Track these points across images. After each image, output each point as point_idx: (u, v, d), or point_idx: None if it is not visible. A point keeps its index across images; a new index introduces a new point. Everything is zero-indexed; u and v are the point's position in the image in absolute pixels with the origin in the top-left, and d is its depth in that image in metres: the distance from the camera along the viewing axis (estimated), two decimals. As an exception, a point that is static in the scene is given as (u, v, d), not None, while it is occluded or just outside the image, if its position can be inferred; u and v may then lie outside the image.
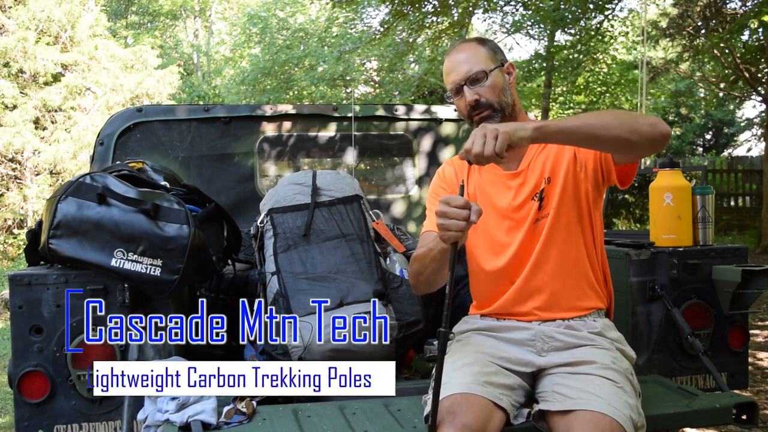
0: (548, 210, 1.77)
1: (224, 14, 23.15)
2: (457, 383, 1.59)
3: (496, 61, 1.81)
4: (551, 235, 1.76)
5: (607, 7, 10.14)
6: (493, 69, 1.79)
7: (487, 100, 1.76)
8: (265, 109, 3.11)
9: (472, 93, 1.77)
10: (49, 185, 11.51)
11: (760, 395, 4.00)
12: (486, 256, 1.85)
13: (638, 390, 1.67)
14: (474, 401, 1.55)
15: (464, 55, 1.80)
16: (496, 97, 1.77)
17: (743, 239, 10.63)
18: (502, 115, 1.78)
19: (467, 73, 1.77)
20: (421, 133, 3.30)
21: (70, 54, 11.73)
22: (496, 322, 1.82)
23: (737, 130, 20.12)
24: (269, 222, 2.42)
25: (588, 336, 1.74)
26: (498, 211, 1.83)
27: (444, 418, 1.52)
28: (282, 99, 14.74)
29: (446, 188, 1.93)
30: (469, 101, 1.77)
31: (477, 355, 1.71)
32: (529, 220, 1.78)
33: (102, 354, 1.92)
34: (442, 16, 10.90)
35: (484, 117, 1.76)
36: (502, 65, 1.81)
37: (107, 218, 1.93)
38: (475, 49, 1.80)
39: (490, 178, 1.87)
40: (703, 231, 2.37)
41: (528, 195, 1.80)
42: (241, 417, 1.81)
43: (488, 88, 1.77)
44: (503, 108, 1.78)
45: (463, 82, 1.78)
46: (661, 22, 11.60)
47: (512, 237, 1.80)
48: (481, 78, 1.77)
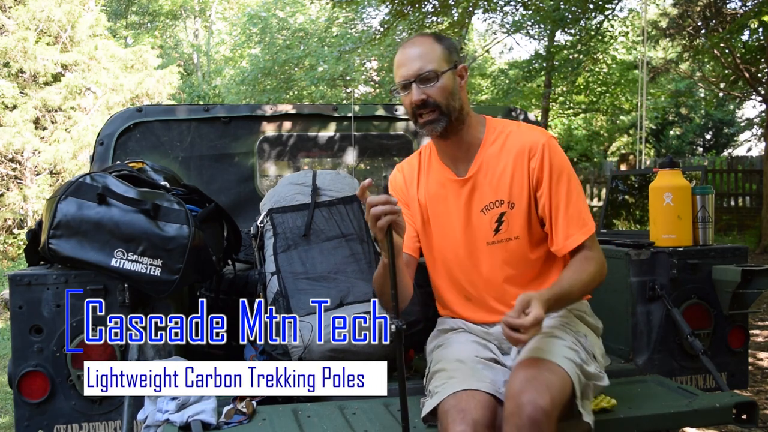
0: (509, 236, 1.77)
1: (224, 14, 23.16)
2: (459, 380, 1.60)
3: (450, 62, 1.75)
4: (511, 259, 1.77)
5: (607, 7, 10.14)
6: (446, 71, 1.73)
7: (435, 101, 1.72)
8: (265, 109, 3.11)
9: (419, 92, 1.71)
10: (49, 185, 11.50)
11: (760, 395, 4.00)
12: (436, 268, 1.86)
13: (593, 353, 1.69)
14: (480, 398, 1.55)
15: (418, 51, 1.73)
16: (444, 100, 1.72)
17: (743, 239, 10.63)
18: (447, 120, 1.73)
19: (418, 70, 1.71)
20: (420, 133, 3.30)
21: (70, 54, 11.72)
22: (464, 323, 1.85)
23: (737, 130, 20.12)
24: (269, 222, 2.41)
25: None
26: (448, 221, 1.82)
27: (453, 415, 1.52)
28: (282, 99, 14.75)
29: (399, 196, 1.90)
30: (416, 100, 1.72)
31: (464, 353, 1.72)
32: (482, 240, 1.78)
33: (102, 354, 1.92)
34: (442, 16, 10.90)
35: (428, 120, 1.73)
36: (455, 67, 1.76)
37: (107, 218, 1.93)
38: (431, 46, 1.74)
39: (439, 180, 1.85)
40: (703, 231, 2.37)
41: (479, 207, 1.79)
42: (241, 417, 1.81)
43: (437, 89, 1.71)
44: (450, 112, 1.73)
45: (413, 79, 1.72)
46: (661, 22, 11.60)
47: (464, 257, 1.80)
48: (432, 78, 1.71)
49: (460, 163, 1.82)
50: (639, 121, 4.43)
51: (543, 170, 1.74)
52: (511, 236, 1.76)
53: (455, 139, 1.78)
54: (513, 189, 1.76)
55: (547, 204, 1.74)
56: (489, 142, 1.81)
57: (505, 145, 1.79)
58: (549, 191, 1.74)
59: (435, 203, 1.85)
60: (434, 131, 1.74)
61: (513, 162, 1.77)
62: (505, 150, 1.78)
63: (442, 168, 1.84)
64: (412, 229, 1.87)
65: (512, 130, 1.82)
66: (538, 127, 1.89)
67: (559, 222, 1.73)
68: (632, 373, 2.20)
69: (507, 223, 1.76)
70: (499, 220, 1.76)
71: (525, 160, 1.76)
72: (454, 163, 1.83)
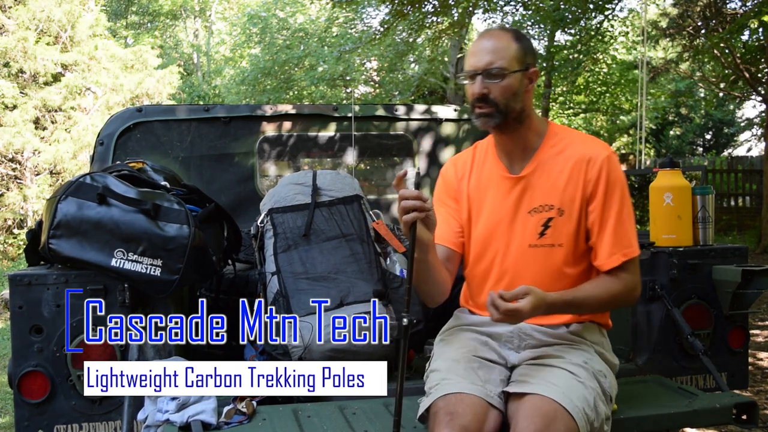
0: (552, 242, 1.74)
1: (224, 14, 23.15)
2: (452, 382, 1.60)
3: (522, 63, 1.72)
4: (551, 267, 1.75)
5: (607, 7, 10.13)
6: (515, 71, 1.71)
7: (495, 99, 1.70)
8: (265, 109, 3.11)
9: (482, 86, 1.70)
10: (49, 185, 11.50)
11: (760, 395, 3.99)
12: (474, 260, 1.84)
13: (609, 395, 1.67)
14: (469, 401, 1.55)
15: (492, 44, 1.71)
16: (504, 99, 1.70)
17: (743, 239, 10.63)
18: (502, 118, 1.72)
19: (487, 64, 1.69)
20: (421, 133, 3.30)
21: (70, 54, 11.71)
22: (482, 318, 1.82)
23: (737, 130, 20.11)
24: (269, 222, 2.41)
25: (566, 336, 1.74)
26: (493, 214, 1.81)
27: (441, 418, 1.52)
28: (282, 99, 14.74)
29: (447, 190, 1.90)
30: (476, 93, 1.71)
31: (463, 351, 1.72)
32: (525, 242, 1.76)
33: (102, 354, 1.92)
34: (442, 16, 10.90)
35: (483, 113, 1.72)
36: (526, 69, 1.73)
37: (107, 218, 1.93)
38: (508, 43, 1.71)
39: (492, 175, 1.83)
40: (703, 231, 2.37)
41: (528, 208, 1.77)
42: (241, 417, 1.81)
43: (501, 87, 1.70)
44: (508, 112, 1.72)
45: (480, 72, 1.70)
46: (661, 22, 11.60)
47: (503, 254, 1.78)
48: (498, 75, 1.69)
49: (516, 162, 1.80)
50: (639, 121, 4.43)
51: (599, 183, 1.73)
52: (555, 243, 1.74)
53: (512, 136, 1.77)
54: (565, 196, 1.74)
55: (598, 218, 1.73)
56: (548, 146, 1.79)
57: (564, 151, 1.77)
58: (602, 205, 1.73)
59: (483, 197, 1.82)
60: (487, 125, 1.74)
61: (570, 169, 1.75)
62: (564, 156, 1.77)
63: (496, 163, 1.82)
64: (456, 224, 1.85)
65: (574, 138, 1.81)
66: (600, 140, 1.87)
67: (605, 238, 1.72)
68: (632, 373, 2.20)
69: (553, 229, 1.73)
70: (545, 224, 1.74)
71: (583, 169, 1.74)
72: (509, 160, 1.81)
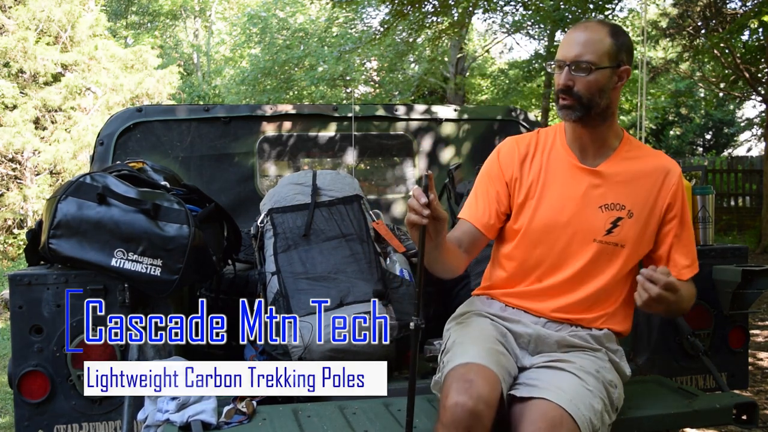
0: (617, 241, 1.73)
1: (224, 14, 23.15)
2: (472, 353, 1.58)
3: (614, 60, 1.69)
4: (607, 265, 1.74)
5: (607, 7, 10.13)
6: (604, 67, 1.67)
7: (579, 92, 1.68)
8: (265, 109, 3.11)
9: (568, 77, 1.68)
10: (49, 185, 11.50)
11: (760, 395, 3.99)
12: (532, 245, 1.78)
13: (616, 406, 1.66)
14: (488, 374, 1.53)
15: (585, 37, 1.68)
16: (588, 94, 1.68)
17: (743, 239, 10.63)
18: (584, 112, 1.69)
19: (576, 56, 1.67)
20: (421, 133, 3.30)
21: (70, 54, 11.71)
22: (503, 311, 1.79)
23: (737, 130, 20.12)
24: (269, 222, 2.41)
25: (586, 340, 1.73)
26: (558, 201, 1.76)
27: (459, 384, 1.50)
28: (282, 99, 14.74)
29: (502, 167, 1.84)
30: (561, 84, 1.69)
31: (485, 332, 1.70)
32: (591, 235, 1.73)
33: (102, 354, 1.92)
34: (442, 16, 10.89)
35: (565, 105, 1.70)
36: (617, 66, 1.70)
37: (107, 218, 1.93)
38: (602, 37, 1.68)
39: (561, 163, 1.79)
40: (703, 231, 2.37)
41: (596, 204, 1.74)
42: (241, 417, 1.81)
43: (587, 81, 1.67)
44: (591, 107, 1.69)
45: (568, 63, 1.68)
46: (661, 22, 11.60)
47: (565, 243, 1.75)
48: (585, 69, 1.66)
49: (589, 156, 1.78)
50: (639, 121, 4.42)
51: (677, 196, 1.76)
52: (619, 243, 1.73)
53: (592, 131, 1.75)
54: (638, 199, 1.74)
55: (676, 229, 1.76)
56: (625, 150, 1.79)
57: (641, 157, 1.78)
58: (680, 218, 1.76)
59: (551, 183, 1.78)
60: (568, 117, 1.72)
61: (647, 175, 1.75)
62: (641, 161, 1.77)
63: (567, 152, 1.79)
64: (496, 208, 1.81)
65: (649, 150, 1.83)
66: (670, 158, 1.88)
67: (683, 249, 1.77)
68: (632, 373, 2.19)
69: (620, 228, 1.72)
70: (614, 222, 1.73)
71: (661, 178, 1.75)
72: (581, 152, 1.79)
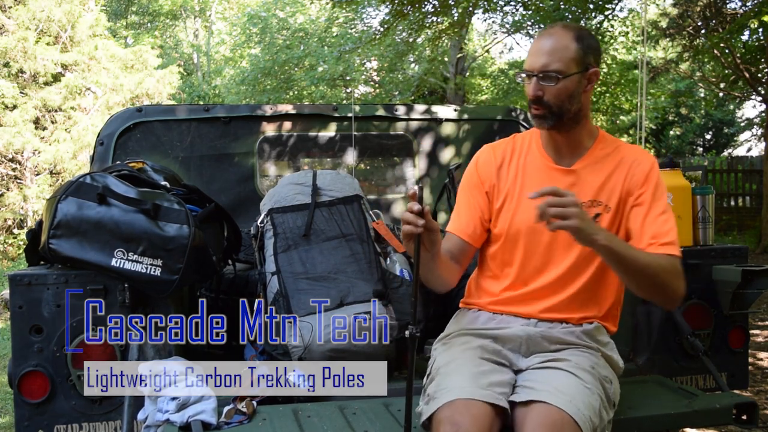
0: None
1: (224, 14, 23.15)
2: (456, 388, 1.56)
3: (581, 64, 1.68)
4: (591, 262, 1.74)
5: (607, 7, 10.13)
6: (573, 74, 1.67)
7: (549, 102, 1.68)
8: (265, 109, 3.11)
9: (537, 88, 1.68)
10: (49, 185, 11.50)
11: (760, 395, 3.99)
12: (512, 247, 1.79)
13: (613, 401, 1.66)
14: (475, 410, 1.51)
15: (551, 45, 1.68)
16: (558, 102, 1.68)
17: (743, 239, 10.63)
18: (557, 119, 1.70)
19: (543, 67, 1.66)
20: (421, 133, 3.30)
21: (70, 54, 11.71)
22: (488, 321, 1.80)
23: (737, 130, 20.12)
24: (269, 222, 2.41)
25: (577, 336, 1.73)
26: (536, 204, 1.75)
27: (446, 427, 1.49)
28: (282, 99, 14.74)
29: (480, 177, 1.86)
30: (531, 95, 1.69)
31: (468, 354, 1.69)
32: None
33: (102, 354, 1.92)
34: (442, 16, 10.90)
35: (537, 115, 1.71)
36: (585, 70, 1.70)
37: (107, 218, 1.93)
38: (567, 43, 1.67)
39: (537, 166, 1.81)
40: (703, 231, 2.37)
41: None
42: (241, 417, 1.81)
43: (555, 90, 1.67)
44: (563, 114, 1.70)
45: (536, 73, 1.68)
46: (661, 22, 11.61)
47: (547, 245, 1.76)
48: (553, 79, 1.66)
49: (564, 157, 1.79)
50: (639, 121, 4.42)
51: (648, 182, 1.72)
52: None
53: (565, 134, 1.76)
54: (613, 193, 1.74)
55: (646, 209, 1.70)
56: (599, 148, 1.80)
57: (614, 153, 1.78)
58: (651, 201, 1.71)
59: (525, 185, 1.80)
60: (541, 126, 1.74)
61: (619, 168, 1.75)
62: (614, 157, 1.77)
63: (542, 155, 1.81)
64: (479, 217, 1.83)
65: (623, 144, 1.82)
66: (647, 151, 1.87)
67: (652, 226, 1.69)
68: (632, 373, 2.19)
69: (600, 224, 1.71)
70: (593, 219, 1.70)
71: (628, 168, 1.75)
72: (557, 154, 1.80)
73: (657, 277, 1.61)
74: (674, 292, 1.66)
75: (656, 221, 1.69)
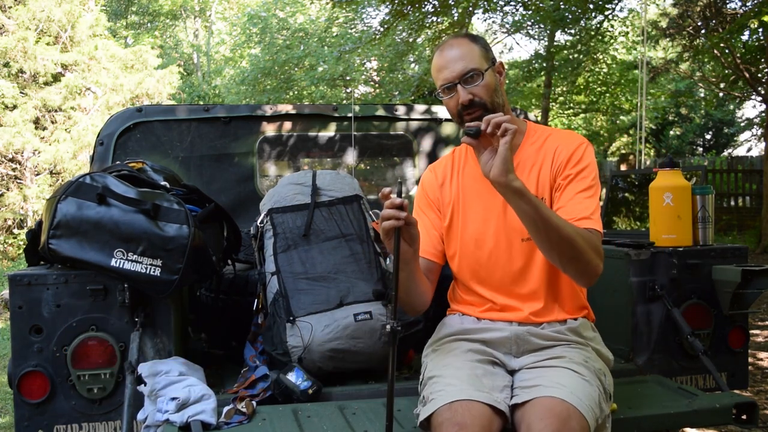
0: None
1: (224, 14, 23.17)
2: (455, 389, 1.56)
3: (488, 60, 1.77)
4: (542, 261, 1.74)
5: (607, 7, 10.14)
6: (487, 69, 1.74)
7: (481, 100, 1.73)
8: (265, 109, 3.11)
9: (466, 92, 1.72)
10: (49, 185, 11.51)
11: (760, 395, 4.00)
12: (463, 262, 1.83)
13: (609, 393, 1.66)
14: (477, 411, 1.51)
15: (458, 52, 1.74)
16: (489, 98, 1.73)
17: (743, 239, 10.63)
18: None
19: (462, 71, 1.72)
20: (421, 133, 3.30)
21: (70, 54, 11.73)
22: (474, 324, 1.80)
23: (737, 130, 20.13)
24: (269, 222, 2.41)
25: (564, 333, 1.74)
26: (480, 214, 1.80)
27: (448, 428, 1.48)
28: (282, 99, 14.75)
29: (428, 198, 1.90)
30: (463, 100, 1.72)
31: (461, 358, 1.69)
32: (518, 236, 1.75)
33: (102, 354, 1.92)
34: (442, 16, 10.91)
35: (475, 117, 1.72)
36: (493, 64, 1.77)
37: (107, 218, 1.93)
38: (469, 46, 1.75)
39: (475, 176, 1.83)
40: (703, 231, 2.37)
41: None
42: (241, 417, 1.81)
43: (482, 87, 1.73)
44: (495, 108, 1.74)
45: (457, 81, 1.73)
46: (661, 22, 11.61)
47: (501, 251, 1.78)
48: (476, 77, 1.72)
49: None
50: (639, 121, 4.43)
51: (569, 164, 1.73)
52: None
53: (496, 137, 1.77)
54: (546, 185, 1.76)
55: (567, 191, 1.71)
56: (528, 144, 1.81)
57: (543, 145, 1.80)
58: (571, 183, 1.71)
59: (470, 198, 1.83)
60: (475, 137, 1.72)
61: (547, 159, 1.77)
62: (543, 149, 1.79)
63: (478, 165, 1.80)
64: (437, 234, 1.86)
65: (552, 133, 1.83)
66: (577, 134, 1.88)
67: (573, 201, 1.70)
68: (632, 373, 2.20)
69: None
70: None
71: (552, 153, 1.76)
72: None
73: (574, 242, 1.58)
74: (590, 264, 1.62)
75: (575, 199, 1.70)
